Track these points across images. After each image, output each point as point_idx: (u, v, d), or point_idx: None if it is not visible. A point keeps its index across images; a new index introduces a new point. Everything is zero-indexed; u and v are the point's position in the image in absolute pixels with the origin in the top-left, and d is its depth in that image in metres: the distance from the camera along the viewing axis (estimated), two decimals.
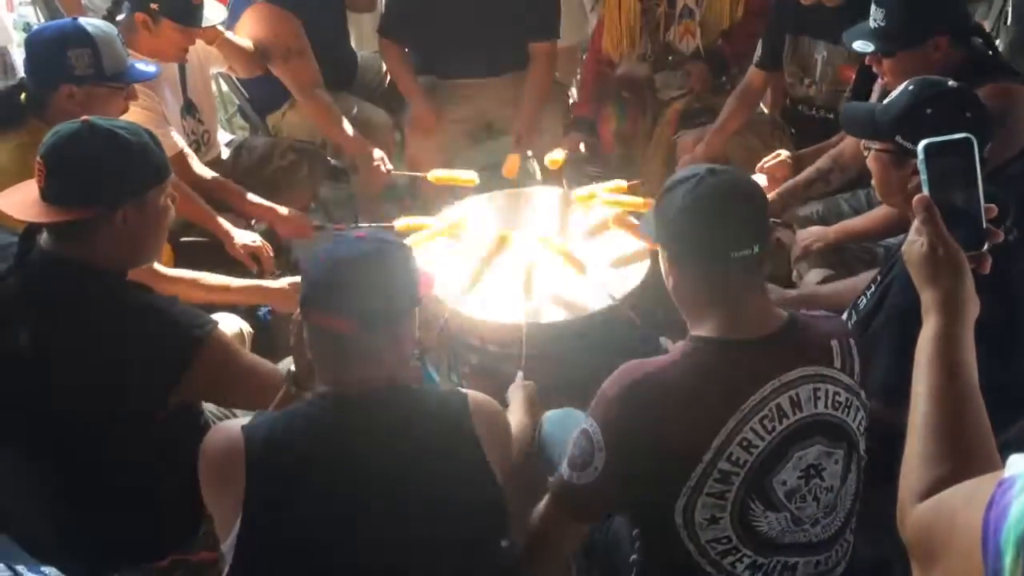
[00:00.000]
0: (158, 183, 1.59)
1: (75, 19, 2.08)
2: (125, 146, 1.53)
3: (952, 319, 1.04)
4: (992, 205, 1.09)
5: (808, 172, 2.49)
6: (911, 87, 1.68)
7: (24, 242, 1.55)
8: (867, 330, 1.67)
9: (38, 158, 1.53)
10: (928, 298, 1.07)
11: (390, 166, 2.94)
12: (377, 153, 2.89)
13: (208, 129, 2.79)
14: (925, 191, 1.09)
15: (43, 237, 1.55)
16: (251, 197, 2.60)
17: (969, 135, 1.09)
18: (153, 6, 2.38)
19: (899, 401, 1.12)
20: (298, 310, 1.36)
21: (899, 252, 1.69)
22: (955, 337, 1.04)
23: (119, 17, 2.47)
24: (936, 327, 1.05)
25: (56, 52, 1.98)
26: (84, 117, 1.56)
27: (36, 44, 2.06)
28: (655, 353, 1.48)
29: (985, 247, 1.09)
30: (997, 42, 3.09)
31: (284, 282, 2.22)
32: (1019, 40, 3.29)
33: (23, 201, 1.54)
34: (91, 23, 2.05)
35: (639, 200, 2.42)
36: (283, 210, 2.68)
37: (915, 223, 1.09)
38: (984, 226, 1.09)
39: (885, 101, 1.72)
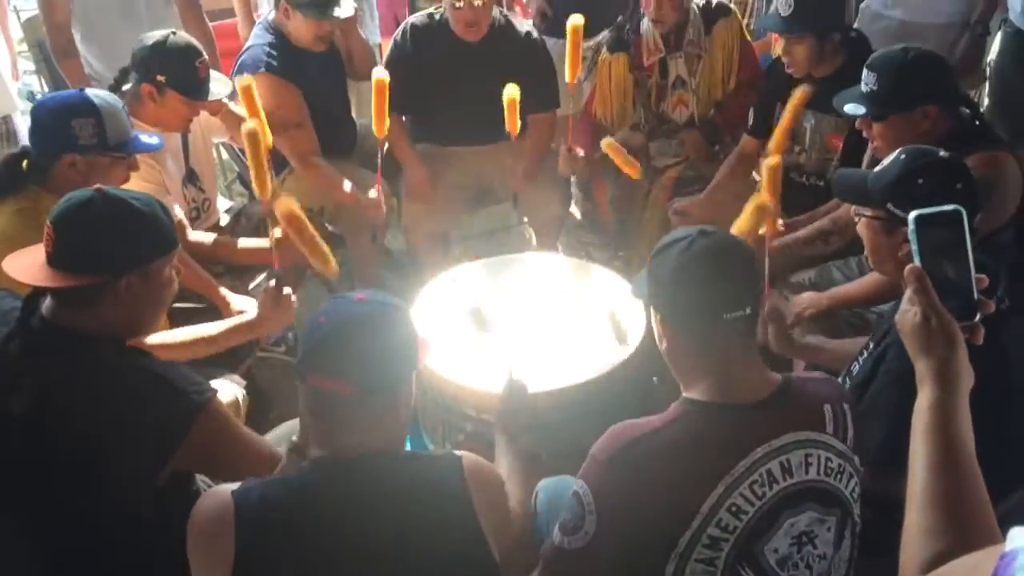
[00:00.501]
0: (165, 254, 1.61)
1: (82, 90, 2.11)
2: (135, 215, 1.55)
3: (947, 389, 1.05)
4: (983, 275, 1.11)
5: (808, 230, 2.52)
6: (903, 156, 1.71)
7: (27, 307, 1.56)
8: (861, 397, 1.67)
9: (48, 223, 1.55)
10: (922, 368, 1.08)
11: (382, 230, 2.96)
12: (372, 194, 2.89)
13: (209, 197, 2.82)
14: (916, 261, 1.10)
15: (46, 303, 1.55)
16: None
17: (959, 207, 1.10)
18: (160, 78, 2.41)
19: (895, 469, 1.12)
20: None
21: (893, 319, 1.71)
22: (950, 407, 1.04)
23: (125, 87, 2.50)
24: (931, 397, 1.05)
25: (61, 121, 2.01)
26: (97, 186, 1.58)
27: (42, 113, 2.08)
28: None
29: (977, 317, 1.10)
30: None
31: (252, 311, 2.14)
32: (997, 107, 3.36)
33: (30, 265, 1.55)
34: (97, 94, 2.08)
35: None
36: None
37: (908, 293, 1.10)
38: (976, 296, 1.10)
39: (877, 169, 1.75)
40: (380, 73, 2.62)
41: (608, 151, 2.69)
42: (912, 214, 1.11)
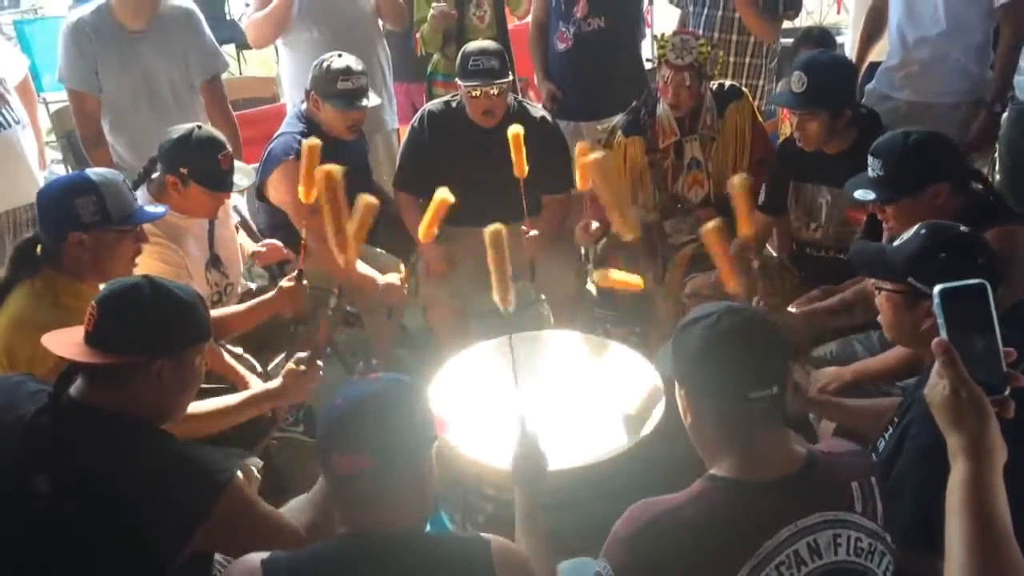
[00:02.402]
0: (198, 343, 1.65)
1: (82, 171, 2.15)
2: (175, 302, 1.61)
3: (981, 464, 1.03)
4: (1011, 349, 1.10)
5: (833, 301, 2.51)
6: (923, 230, 1.70)
7: (58, 386, 1.58)
8: (888, 474, 1.64)
9: (92, 303, 1.60)
10: (954, 443, 1.06)
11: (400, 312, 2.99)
12: (392, 276, 2.94)
13: (232, 282, 2.85)
14: (943, 335, 1.09)
15: (76, 384, 1.58)
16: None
17: (983, 281, 1.10)
18: (183, 171, 2.47)
19: (925, 548, 1.09)
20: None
21: (916, 393, 1.69)
22: (985, 483, 1.02)
23: (153, 176, 2.57)
24: (965, 472, 1.04)
25: (64, 202, 2.03)
26: (145, 274, 1.66)
27: (46, 197, 2.11)
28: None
29: (1007, 391, 1.09)
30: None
31: (277, 381, 2.15)
32: (1008, 180, 3.39)
33: (67, 341, 1.60)
34: (96, 172, 2.11)
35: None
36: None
37: (936, 366, 1.09)
38: (1004, 370, 1.09)
39: (896, 243, 1.75)
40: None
41: (604, 285, 2.71)
42: (937, 288, 1.11)
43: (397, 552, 1.28)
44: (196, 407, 2.01)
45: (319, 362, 2.16)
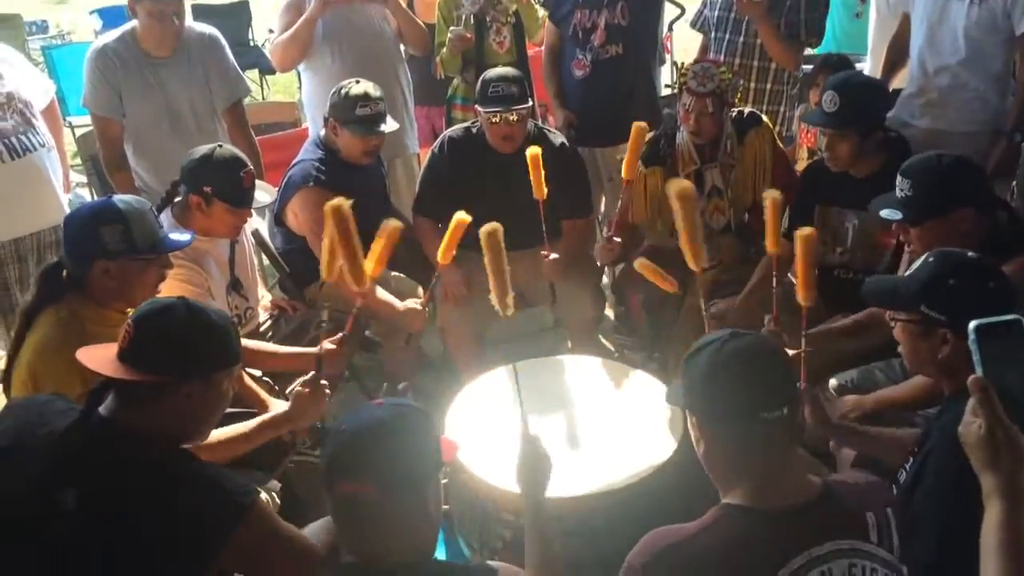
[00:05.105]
0: (228, 367, 1.67)
1: (108, 197, 2.15)
2: (208, 326, 1.63)
3: (1016, 505, 1.01)
4: None
5: (845, 323, 2.49)
6: (931, 259, 1.71)
7: (90, 402, 1.59)
8: (909, 504, 1.63)
9: (128, 321, 1.62)
10: (989, 483, 1.04)
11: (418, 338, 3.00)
12: (412, 301, 2.96)
13: (251, 306, 2.88)
14: (979, 371, 1.07)
15: (106, 402, 1.60)
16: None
17: (1019, 317, 1.09)
18: (206, 189, 2.51)
19: None
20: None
21: (936, 423, 1.68)
22: (1022, 524, 1.00)
23: (176, 199, 2.60)
24: (1000, 514, 1.02)
25: (89, 230, 2.04)
26: (181, 295, 1.68)
27: (71, 224, 2.11)
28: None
29: None
30: None
31: (284, 405, 2.17)
32: None
33: (101, 357, 1.62)
34: (122, 199, 2.11)
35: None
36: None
37: (970, 404, 1.07)
38: None
39: (907, 273, 1.76)
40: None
41: (642, 271, 2.71)
42: (972, 324, 1.09)
43: None
44: (213, 435, 2.00)
45: (323, 382, 2.16)
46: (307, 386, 2.14)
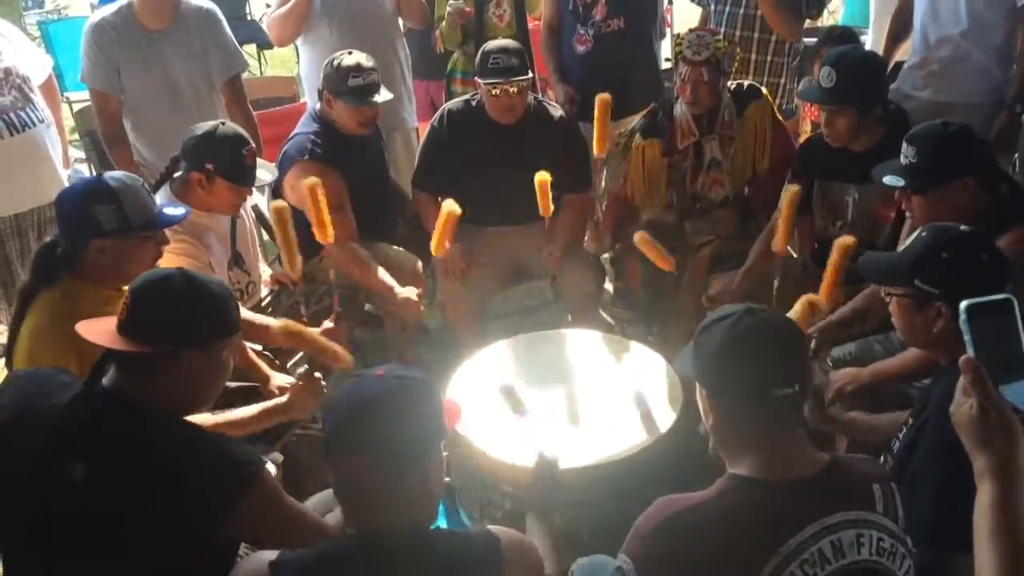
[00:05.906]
0: (228, 337, 1.67)
1: (100, 175, 2.11)
2: (207, 295, 1.63)
3: (1009, 486, 1.01)
4: None
5: (843, 311, 2.50)
6: (924, 234, 1.72)
7: (93, 374, 1.60)
8: (903, 473, 1.64)
9: (127, 292, 1.62)
10: (982, 463, 1.04)
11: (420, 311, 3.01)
12: (411, 290, 2.96)
13: (253, 280, 2.88)
14: (970, 352, 1.07)
15: (108, 374, 1.60)
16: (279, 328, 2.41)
17: (1010, 296, 1.08)
18: (208, 166, 2.50)
19: (941, 544, 1.08)
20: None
21: (931, 393, 1.69)
22: (1015, 505, 1.00)
23: (176, 175, 2.59)
24: (993, 495, 1.01)
25: (83, 209, 2.01)
26: (180, 266, 1.67)
27: (64, 204, 2.07)
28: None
29: None
30: None
31: (286, 378, 2.22)
32: None
33: (101, 329, 1.62)
34: (114, 176, 2.07)
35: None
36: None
37: (961, 383, 1.07)
38: None
39: (900, 248, 1.77)
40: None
41: (641, 247, 2.71)
42: (963, 304, 1.09)
43: (405, 552, 1.28)
44: (208, 419, 2.02)
45: (318, 374, 2.18)
46: (303, 380, 2.17)
